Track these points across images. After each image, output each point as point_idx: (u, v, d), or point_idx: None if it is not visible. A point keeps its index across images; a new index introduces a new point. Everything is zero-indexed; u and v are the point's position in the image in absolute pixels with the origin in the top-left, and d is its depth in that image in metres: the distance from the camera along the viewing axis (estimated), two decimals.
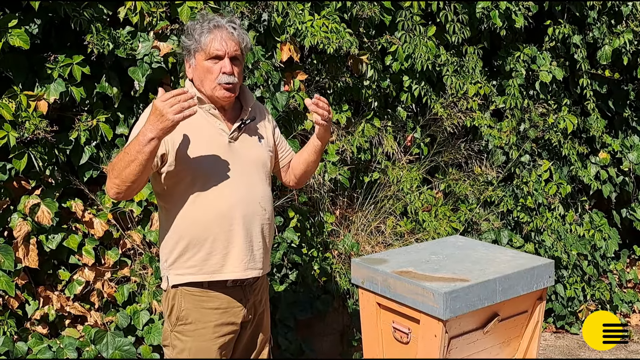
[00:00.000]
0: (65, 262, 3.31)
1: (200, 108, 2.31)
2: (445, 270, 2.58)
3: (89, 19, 3.15)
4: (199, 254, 2.28)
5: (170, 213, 2.31)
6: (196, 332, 2.31)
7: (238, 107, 2.43)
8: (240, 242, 2.30)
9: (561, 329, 4.69)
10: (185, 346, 2.31)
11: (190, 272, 2.29)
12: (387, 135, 4.11)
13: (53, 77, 3.16)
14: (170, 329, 2.35)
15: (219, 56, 2.26)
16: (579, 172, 4.92)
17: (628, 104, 5.44)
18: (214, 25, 2.29)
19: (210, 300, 2.31)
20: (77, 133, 3.22)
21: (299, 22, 3.58)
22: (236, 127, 2.34)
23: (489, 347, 2.67)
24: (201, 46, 2.27)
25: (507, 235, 4.50)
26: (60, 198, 3.30)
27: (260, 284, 2.47)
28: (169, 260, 2.32)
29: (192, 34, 2.30)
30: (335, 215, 3.98)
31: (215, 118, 2.33)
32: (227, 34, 2.28)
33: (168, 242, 2.32)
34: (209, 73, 2.27)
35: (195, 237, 2.27)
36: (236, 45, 2.29)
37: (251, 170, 2.35)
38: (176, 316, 2.32)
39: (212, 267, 2.29)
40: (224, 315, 2.33)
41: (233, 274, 2.31)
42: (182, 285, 2.31)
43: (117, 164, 2.13)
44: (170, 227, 2.31)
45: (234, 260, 2.30)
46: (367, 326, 2.75)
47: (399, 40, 4.03)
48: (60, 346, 3.08)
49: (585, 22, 4.89)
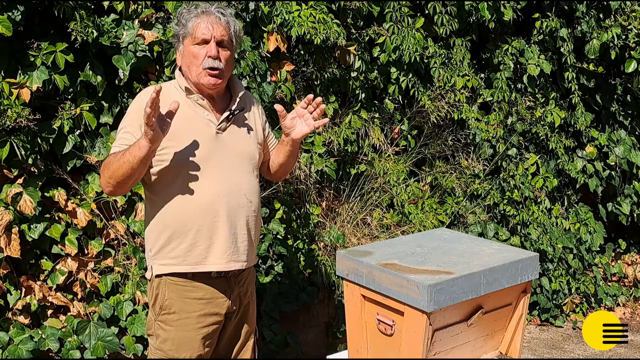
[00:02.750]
0: (48, 252, 3.28)
1: (189, 98, 2.30)
2: (430, 262, 2.57)
3: (73, 6, 3.10)
4: (182, 245, 2.27)
5: (156, 203, 2.30)
6: (179, 321, 2.30)
7: (227, 97, 2.41)
8: (224, 233, 2.29)
9: (546, 322, 4.71)
10: (169, 336, 2.31)
11: (173, 262, 2.29)
12: (374, 127, 4.10)
13: (36, 64, 3.12)
14: (154, 318, 2.34)
15: (205, 40, 2.25)
16: (566, 166, 4.93)
17: (615, 98, 5.46)
18: (202, 10, 2.29)
19: (194, 291, 2.31)
20: (61, 122, 3.18)
21: (286, 12, 3.55)
22: (224, 118, 2.32)
23: (472, 340, 2.67)
24: (188, 30, 2.26)
25: (494, 228, 4.51)
26: (43, 187, 3.26)
27: (246, 275, 2.46)
28: (153, 250, 2.32)
29: (180, 19, 2.30)
30: (322, 207, 3.97)
31: (203, 108, 2.31)
32: (214, 19, 2.27)
33: (152, 232, 2.31)
34: (195, 58, 2.26)
35: (179, 227, 2.26)
36: (223, 30, 2.28)
37: (238, 161, 2.34)
38: (160, 305, 2.31)
39: (195, 259, 2.28)
40: (208, 306, 2.32)
41: (216, 266, 2.30)
42: (166, 275, 2.30)
43: (111, 163, 2.15)
44: (155, 217, 2.30)
45: (217, 251, 2.30)
46: (351, 318, 2.74)
47: (387, 32, 4.01)
48: (42, 336, 3.06)
49: (574, 15, 4.89)
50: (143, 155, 2.08)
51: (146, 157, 2.10)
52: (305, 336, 3.79)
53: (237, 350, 2.51)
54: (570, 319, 4.76)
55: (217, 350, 2.45)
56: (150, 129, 2.03)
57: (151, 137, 2.04)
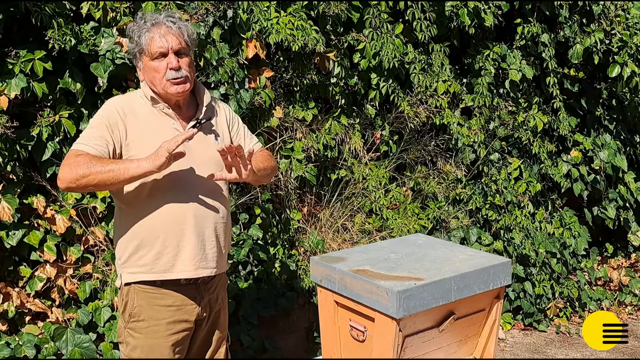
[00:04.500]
0: (27, 259, 3.29)
1: (155, 107, 2.31)
2: (402, 269, 2.59)
3: (51, 14, 3.12)
4: (150, 253, 2.27)
5: (124, 211, 2.31)
6: (149, 329, 2.31)
7: (194, 105, 2.41)
8: (192, 241, 2.30)
9: (529, 326, 4.72)
10: (138, 343, 2.31)
11: (142, 270, 2.29)
12: (355, 132, 4.11)
13: (14, 72, 3.13)
14: (123, 326, 2.35)
15: (162, 53, 2.24)
16: (549, 170, 4.94)
17: (601, 102, 5.47)
18: (152, 23, 2.26)
19: (163, 298, 2.31)
20: (39, 129, 3.19)
21: (265, 19, 3.57)
22: (190, 127, 2.31)
23: (445, 346, 2.68)
24: (143, 47, 2.25)
25: (476, 232, 4.52)
26: (22, 194, 3.27)
27: (217, 282, 2.47)
28: (122, 259, 2.33)
29: (132, 36, 2.28)
30: (303, 213, 3.98)
31: (170, 117, 2.31)
32: (165, 30, 2.25)
33: (122, 241, 2.32)
34: (157, 72, 2.25)
35: (147, 236, 2.27)
36: (178, 38, 2.26)
37: (206, 169, 2.33)
38: (129, 313, 2.32)
39: (163, 267, 2.29)
40: (177, 313, 2.33)
41: (184, 273, 2.31)
42: (135, 283, 2.31)
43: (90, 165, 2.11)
44: (123, 225, 2.31)
45: (184, 259, 2.30)
46: (325, 324, 2.76)
47: (367, 38, 4.03)
48: (19, 343, 3.06)
49: (557, 21, 4.92)
50: (138, 174, 2.11)
51: (138, 178, 2.14)
52: (285, 341, 3.80)
53: (209, 356, 2.52)
54: (554, 323, 4.77)
55: (188, 357, 2.45)
56: (169, 160, 2.07)
57: (161, 165, 2.08)
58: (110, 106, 2.30)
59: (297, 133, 3.83)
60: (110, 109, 2.28)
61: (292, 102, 3.93)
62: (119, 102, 2.32)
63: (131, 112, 2.28)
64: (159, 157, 2.08)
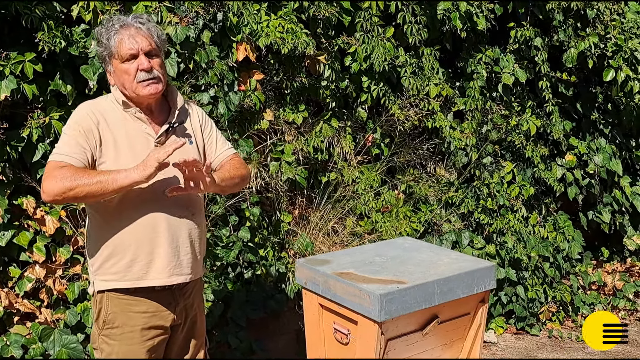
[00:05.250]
0: (17, 259, 3.30)
1: (126, 112, 2.28)
2: (386, 272, 2.59)
3: (41, 16, 3.13)
4: (123, 261, 2.24)
5: (96, 218, 2.28)
6: (123, 335, 2.28)
7: (166, 109, 2.38)
8: (165, 248, 2.27)
9: (522, 330, 4.71)
10: (113, 350, 2.29)
11: (114, 278, 2.26)
12: (346, 135, 4.12)
13: (5, 74, 3.14)
14: (98, 333, 2.32)
15: (133, 55, 2.21)
16: (543, 174, 4.94)
17: (596, 106, 5.47)
18: (120, 25, 2.24)
19: (137, 304, 2.29)
20: (30, 130, 3.21)
21: (255, 22, 3.58)
22: (163, 131, 2.29)
23: (429, 349, 2.68)
24: (112, 50, 2.22)
25: (469, 236, 4.51)
26: (12, 195, 3.29)
27: (192, 287, 2.44)
28: (94, 266, 2.30)
29: (101, 39, 2.25)
30: (294, 215, 3.99)
31: (142, 122, 2.29)
32: (134, 31, 2.22)
33: (93, 248, 2.30)
34: (127, 74, 2.22)
35: (119, 243, 2.24)
36: (147, 39, 2.23)
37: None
38: (103, 320, 2.29)
39: (136, 274, 2.26)
40: (152, 319, 2.30)
41: (157, 280, 2.28)
42: (108, 290, 2.28)
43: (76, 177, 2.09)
44: (95, 233, 2.29)
45: (158, 266, 2.27)
46: (310, 327, 2.77)
47: (358, 41, 4.04)
48: (7, 343, 3.07)
49: (551, 24, 4.92)
50: (127, 185, 2.08)
51: (126, 188, 2.10)
52: (275, 344, 3.80)
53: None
54: (547, 327, 4.76)
55: None
56: (158, 170, 2.06)
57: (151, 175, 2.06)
58: (81, 112, 2.26)
59: (287, 136, 3.84)
60: (82, 114, 2.25)
61: (282, 104, 3.94)
62: (90, 107, 2.28)
63: (102, 117, 2.24)
64: (148, 167, 2.06)
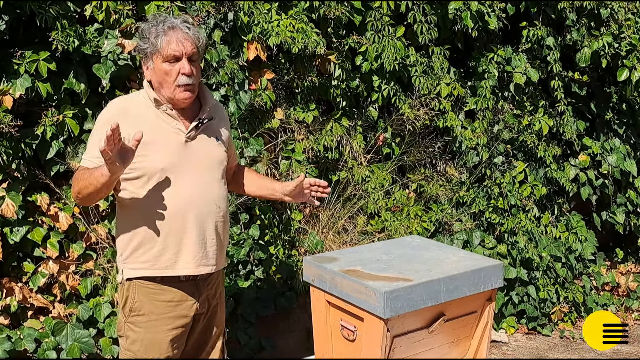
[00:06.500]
0: (31, 255, 3.36)
1: (158, 109, 2.36)
2: (392, 270, 2.61)
3: (55, 16, 3.19)
4: (152, 250, 2.34)
5: (126, 209, 2.37)
6: (149, 323, 2.37)
7: (197, 106, 2.45)
8: (193, 239, 2.36)
9: (533, 331, 4.70)
10: (138, 337, 2.38)
11: (143, 267, 2.35)
12: (356, 134, 4.14)
13: (19, 72, 3.20)
14: (124, 320, 2.41)
15: (177, 57, 2.29)
16: (555, 174, 4.92)
17: (611, 106, 5.43)
18: (169, 26, 2.31)
19: (163, 294, 2.37)
20: (44, 128, 3.26)
21: (266, 22, 3.61)
22: (193, 127, 2.38)
23: (436, 347, 2.69)
24: (158, 49, 2.29)
25: (480, 236, 4.51)
26: (27, 192, 3.35)
27: (215, 278, 2.53)
28: (124, 255, 2.39)
29: (148, 37, 2.33)
30: (304, 213, 4.02)
31: (172, 118, 2.36)
32: (182, 35, 2.31)
33: (123, 237, 2.38)
34: (168, 75, 2.30)
35: (149, 233, 2.33)
36: (192, 44, 2.32)
37: (207, 169, 2.40)
38: (130, 307, 2.38)
39: (165, 263, 2.35)
40: (176, 308, 2.39)
41: (185, 270, 2.37)
42: (136, 278, 2.37)
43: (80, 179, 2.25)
44: (125, 223, 2.38)
45: (186, 256, 2.36)
46: (317, 323, 2.78)
47: (368, 41, 4.05)
48: (20, 337, 3.13)
49: (564, 24, 4.89)
50: (105, 181, 2.15)
51: (109, 183, 2.17)
52: (284, 341, 3.82)
53: (206, 351, 2.58)
54: (559, 327, 4.74)
55: (185, 351, 2.51)
56: (109, 162, 2.08)
57: (109, 169, 2.10)
58: (111, 108, 2.37)
59: (298, 134, 3.86)
60: (111, 110, 2.35)
61: (293, 103, 3.96)
62: (121, 103, 2.39)
63: (134, 112, 2.34)
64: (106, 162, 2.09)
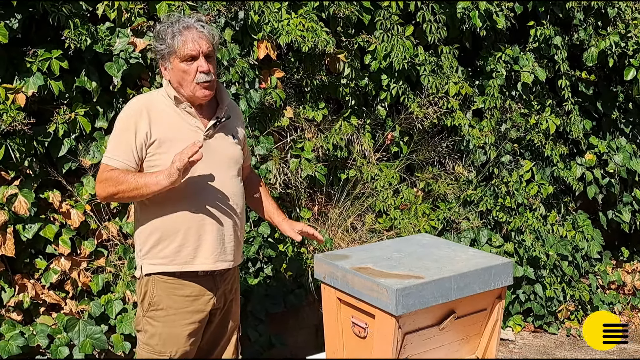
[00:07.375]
0: (43, 252, 3.38)
1: (177, 107, 2.41)
2: (403, 267, 2.63)
3: (67, 14, 3.21)
4: (171, 246, 2.39)
5: (145, 205, 2.41)
6: (167, 317, 2.42)
7: (214, 104, 2.51)
8: (212, 235, 2.42)
9: (539, 329, 4.72)
10: (156, 331, 2.42)
11: (163, 262, 2.40)
12: (365, 133, 4.16)
13: (32, 70, 3.23)
14: (142, 314, 2.46)
15: (193, 57, 2.34)
16: (561, 173, 4.93)
17: (617, 105, 5.43)
18: (184, 26, 2.36)
19: (181, 288, 2.42)
20: (56, 126, 3.29)
21: (275, 21, 3.63)
22: (211, 125, 2.43)
23: (447, 344, 2.71)
24: (175, 49, 2.35)
25: (487, 234, 4.52)
26: (39, 189, 3.37)
27: (232, 273, 2.59)
28: (143, 250, 2.43)
29: (164, 38, 2.38)
30: (313, 212, 4.04)
31: (191, 116, 2.41)
32: (197, 34, 2.36)
33: (142, 233, 2.43)
34: (186, 74, 2.36)
35: (168, 229, 2.38)
36: (208, 42, 2.38)
37: (224, 166, 2.46)
38: (148, 302, 2.43)
39: (184, 259, 2.40)
40: (194, 303, 2.44)
41: (204, 266, 2.42)
42: (155, 274, 2.42)
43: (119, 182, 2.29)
44: (144, 219, 2.42)
45: (205, 252, 2.42)
46: (328, 320, 2.80)
47: (377, 40, 4.07)
48: (33, 333, 3.16)
49: (572, 23, 4.90)
50: (158, 190, 2.25)
51: (159, 192, 2.26)
52: (294, 338, 3.85)
53: (221, 345, 2.62)
54: (565, 326, 4.76)
55: (201, 345, 2.56)
56: (181, 177, 2.20)
57: (174, 181, 2.20)
58: (133, 105, 2.41)
59: (307, 133, 3.89)
60: (134, 107, 2.40)
61: (302, 102, 3.99)
62: (143, 101, 2.43)
63: (154, 110, 2.39)
64: (172, 174, 2.20)
